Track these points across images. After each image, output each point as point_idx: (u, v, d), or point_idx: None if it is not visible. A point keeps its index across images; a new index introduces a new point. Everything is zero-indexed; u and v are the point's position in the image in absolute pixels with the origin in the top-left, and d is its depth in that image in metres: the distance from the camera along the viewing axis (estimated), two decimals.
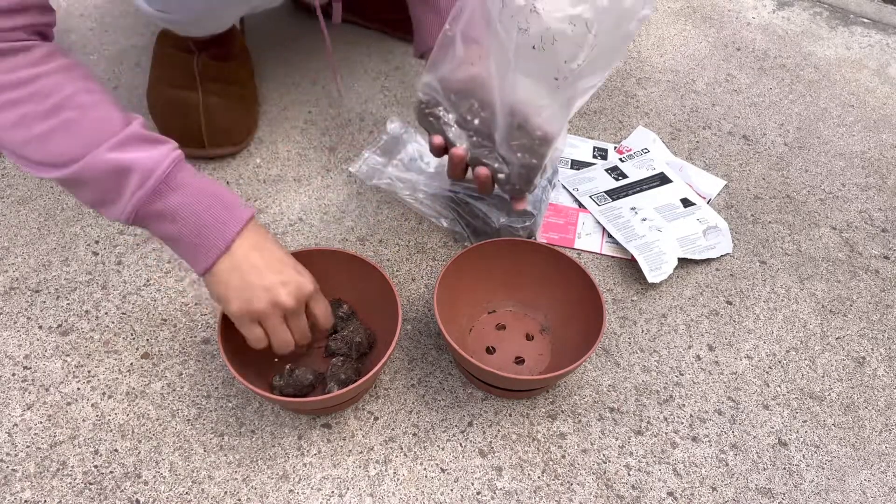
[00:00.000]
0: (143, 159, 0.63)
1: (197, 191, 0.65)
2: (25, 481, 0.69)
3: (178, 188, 0.65)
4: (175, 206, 0.65)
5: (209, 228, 0.65)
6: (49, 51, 0.65)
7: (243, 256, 0.66)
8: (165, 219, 0.65)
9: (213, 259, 0.66)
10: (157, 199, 0.64)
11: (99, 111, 0.65)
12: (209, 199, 0.66)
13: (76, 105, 0.64)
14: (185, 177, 0.65)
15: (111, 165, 0.63)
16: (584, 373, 0.81)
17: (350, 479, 0.71)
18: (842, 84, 1.23)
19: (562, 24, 0.63)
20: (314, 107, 1.09)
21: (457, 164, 0.76)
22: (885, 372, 0.84)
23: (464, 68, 0.72)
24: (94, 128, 0.64)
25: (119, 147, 0.63)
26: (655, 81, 1.20)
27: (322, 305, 0.72)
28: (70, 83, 0.64)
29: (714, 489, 0.73)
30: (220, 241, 0.65)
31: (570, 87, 0.67)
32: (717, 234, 0.94)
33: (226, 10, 0.89)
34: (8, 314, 0.81)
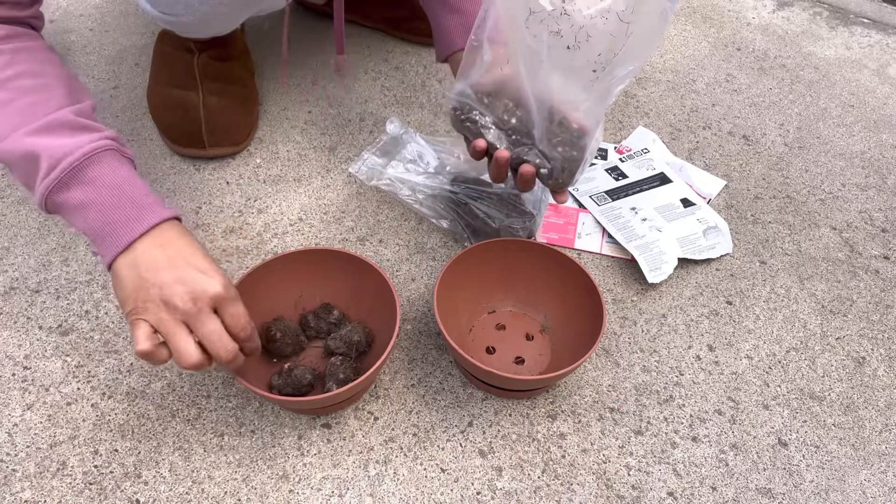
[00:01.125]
0: (55, 147, 0.61)
1: (108, 187, 0.62)
2: (25, 481, 0.69)
3: (88, 182, 0.61)
4: (80, 199, 0.61)
5: (114, 224, 0.61)
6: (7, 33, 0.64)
7: (143, 253, 0.61)
8: (73, 211, 0.62)
9: (112, 255, 0.61)
10: (62, 190, 0.61)
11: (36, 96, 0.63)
12: (120, 196, 0.62)
13: (15, 87, 0.63)
14: (101, 170, 0.62)
15: (23, 150, 0.61)
16: (584, 373, 0.81)
17: (350, 479, 0.71)
18: (842, 84, 1.23)
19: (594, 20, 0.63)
20: (314, 107, 1.09)
21: (502, 166, 0.74)
22: (885, 372, 0.84)
23: (494, 70, 0.71)
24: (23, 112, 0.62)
25: (38, 132, 0.61)
26: (655, 81, 1.20)
27: (233, 315, 0.63)
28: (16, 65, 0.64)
29: (714, 489, 0.73)
30: (122, 238, 0.61)
31: (607, 77, 0.66)
32: (717, 234, 0.94)
33: (230, 15, 0.88)
34: (8, 314, 0.81)
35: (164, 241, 0.62)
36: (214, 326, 0.61)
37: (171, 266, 0.61)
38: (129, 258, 0.61)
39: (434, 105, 1.11)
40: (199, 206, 0.94)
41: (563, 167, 0.73)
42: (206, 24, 0.90)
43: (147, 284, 0.60)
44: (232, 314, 0.63)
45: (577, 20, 0.63)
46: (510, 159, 0.74)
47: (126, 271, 0.61)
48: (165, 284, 0.60)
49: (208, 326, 0.61)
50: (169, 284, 0.60)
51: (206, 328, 0.61)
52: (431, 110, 1.10)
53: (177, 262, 0.61)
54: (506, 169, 0.75)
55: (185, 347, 0.60)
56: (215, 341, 0.61)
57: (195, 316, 0.60)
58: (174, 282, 0.60)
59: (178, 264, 0.61)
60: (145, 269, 0.61)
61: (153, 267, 0.61)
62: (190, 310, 0.60)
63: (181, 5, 0.84)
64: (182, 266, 0.61)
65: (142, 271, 0.61)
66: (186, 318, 0.60)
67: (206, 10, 0.84)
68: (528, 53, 0.67)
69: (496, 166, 0.74)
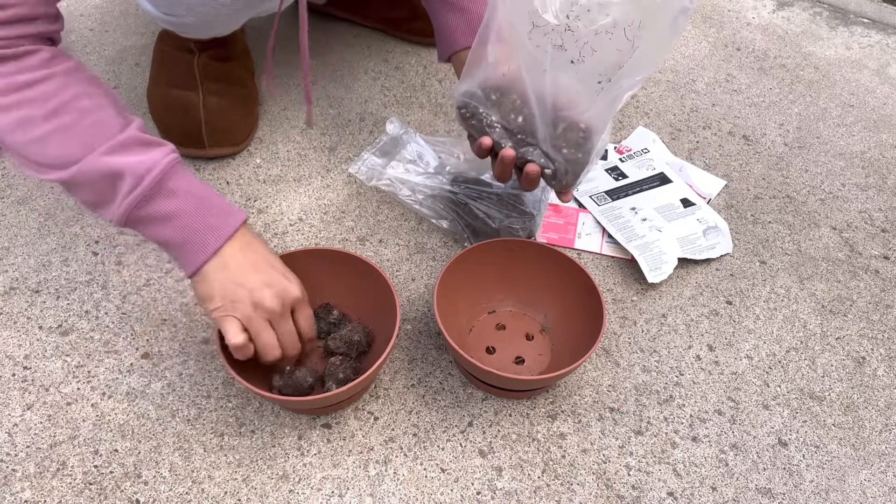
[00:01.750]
0: (136, 164, 0.64)
1: (188, 196, 0.66)
2: (25, 481, 0.69)
3: (170, 194, 0.65)
4: (166, 211, 0.66)
5: (199, 233, 0.66)
6: (52, 55, 0.66)
7: (231, 257, 0.67)
8: (157, 223, 0.66)
9: (201, 261, 0.66)
10: (147, 203, 0.65)
11: (97, 115, 0.66)
12: (200, 204, 0.67)
13: (75, 109, 0.65)
14: (178, 182, 0.66)
15: (105, 169, 0.64)
16: (584, 373, 0.81)
17: (350, 479, 0.71)
18: (842, 84, 1.23)
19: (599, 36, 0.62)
20: (314, 107, 1.09)
21: (507, 165, 0.74)
22: (885, 372, 0.84)
23: (499, 69, 0.71)
24: (90, 132, 0.65)
25: (113, 151, 0.64)
26: (655, 81, 1.20)
27: (306, 315, 0.71)
28: (70, 87, 0.66)
29: (714, 489, 0.73)
30: (209, 245, 0.66)
31: (614, 87, 0.66)
32: (717, 234, 0.94)
33: (232, 16, 0.88)
34: (8, 314, 0.81)
35: (245, 245, 0.68)
36: (291, 327, 0.70)
37: (256, 270, 0.67)
38: (217, 262, 0.67)
39: (434, 105, 1.11)
40: None
41: (568, 169, 0.73)
42: (207, 25, 0.90)
43: (237, 286, 0.66)
44: (306, 316, 0.71)
45: (582, 35, 0.63)
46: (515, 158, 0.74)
47: (215, 273, 0.66)
48: (255, 287, 0.66)
49: (288, 326, 0.69)
50: (259, 287, 0.66)
51: (287, 327, 0.69)
52: (431, 110, 1.10)
53: (261, 267, 0.68)
54: (511, 168, 0.75)
55: (272, 343, 0.68)
56: (291, 340, 0.70)
57: (280, 316, 0.68)
58: (262, 285, 0.67)
59: (263, 268, 0.68)
60: (233, 272, 0.66)
61: (241, 270, 0.67)
62: (276, 310, 0.67)
63: (183, 6, 0.84)
64: (266, 269, 0.68)
65: (230, 274, 0.66)
66: (271, 318, 0.67)
67: (207, 11, 0.84)
68: (531, 62, 0.67)
69: (501, 165, 0.74)
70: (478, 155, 0.76)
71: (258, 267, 0.68)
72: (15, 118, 0.64)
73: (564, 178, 0.74)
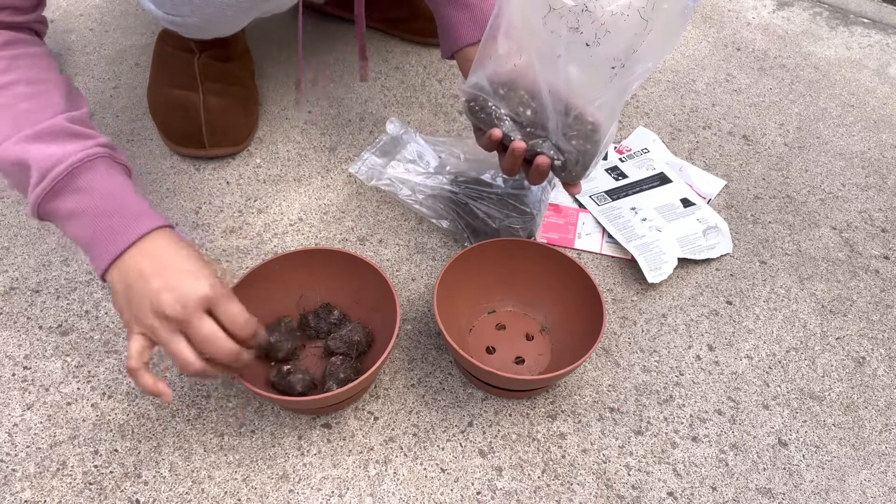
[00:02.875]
0: (45, 156, 0.61)
1: (95, 195, 0.61)
2: (25, 481, 0.69)
3: (79, 191, 0.61)
4: (69, 209, 0.61)
5: (103, 236, 0.61)
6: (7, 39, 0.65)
7: (133, 264, 0.61)
8: (64, 220, 0.62)
9: (103, 267, 0.61)
10: (53, 199, 0.61)
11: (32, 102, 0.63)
12: (107, 205, 0.61)
13: (10, 94, 0.63)
14: (89, 179, 0.61)
15: (14, 157, 0.61)
16: (584, 373, 0.81)
17: (350, 479, 0.71)
18: (842, 84, 1.23)
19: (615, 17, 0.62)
20: (314, 107, 1.09)
21: (518, 158, 0.73)
22: (885, 372, 0.84)
23: (509, 62, 0.70)
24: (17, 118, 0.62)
25: (30, 139, 0.61)
26: (655, 81, 1.20)
27: (228, 313, 0.61)
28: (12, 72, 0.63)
29: (714, 489, 0.73)
30: (111, 249, 0.61)
31: (627, 73, 0.66)
32: (716, 234, 0.94)
33: (236, 17, 0.88)
34: (8, 314, 0.81)
35: (151, 250, 0.61)
36: (208, 329, 0.60)
37: (158, 274, 0.60)
38: (119, 269, 0.61)
39: (434, 105, 1.11)
40: (199, 206, 0.94)
41: (577, 160, 0.73)
42: (211, 26, 0.90)
43: (137, 296, 0.60)
44: (226, 312, 0.61)
45: (598, 17, 0.63)
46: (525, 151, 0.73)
47: (118, 284, 0.61)
48: (153, 293, 0.59)
49: (202, 330, 0.60)
50: (157, 293, 0.59)
51: (200, 332, 0.60)
52: (431, 110, 1.10)
53: (163, 270, 0.60)
54: (520, 160, 0.74)
55: (183, 355, 0.59)
56: (210, 344, 0.60)
57: (187, 321, 0.59)
58: (161, 289, 0.59)
59: (165, 272, 0.60)
60: (134, 279, 0.60)
61: (141, 277, 0.60)
62: (180, 316, 0.59)
63: (187, 7, 0.83)
64: (169, 273, 0.60)
65: (131, 282, 0.60)
66: (181, 326, 0.59)
67: (211, 11, 0.84)
68: (543, 49, 0.67)
69: (511, 157, 0.73)
70: (486, 148, 0.75)
71: (159, 271, 0.60)
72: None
73: (574, 170, 0.73)
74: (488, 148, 0.75)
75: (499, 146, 0.75)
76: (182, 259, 0.62)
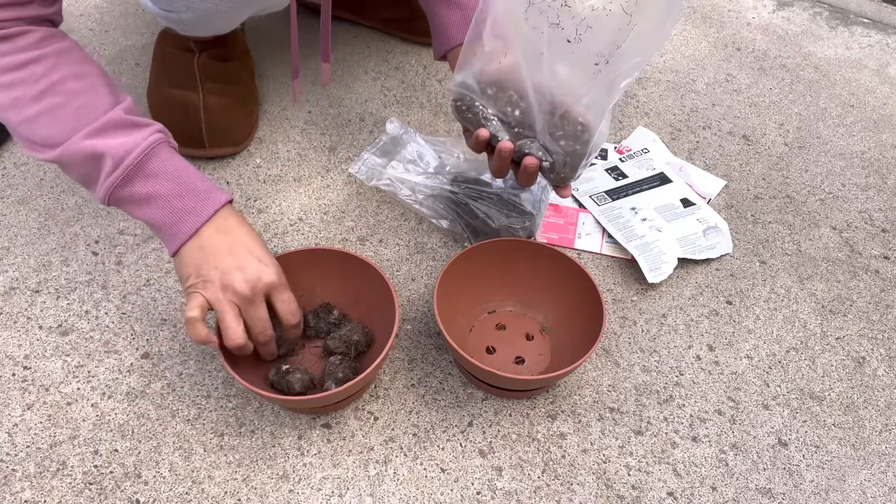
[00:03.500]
0: (117, 146, 0.65)
1: (168, 178, 0.67)
2: (25, 481, 0.69)
3: (150, 175, 0.66)
4: (145, 192, 0.67)
5: (179, 215, 0.67)
6: (44, 35, 0.67)
7: (207, 239, 0.67)
8: (137, 204, 0.67)
9: (180, 242, 0.67)
10: (127, 185, 0.66)
11: (84, 97, 0.67)
12: (180, 186, 0.67)
13: (63, 91, 0.66)
14: (159, 163, 0.67)
15: (87, 151, 0.65)
16: (584, 373, 0.81)
17: (350, 479, 0.71)
18: (842, 84, 1.23)
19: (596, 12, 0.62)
20: (314, 107, 1.09)
21: (505, 158, 0.73)
22: (885, 372, 0.84)
23: (495, 61, 0.70)
24: (77, 114, 0.66)
25: (96, 133, 0.65)
26: (655, 81, 1.20)
27: (285, 301, 0.70)
28: (61, 68, 0.67)
29: (714, 489, 0.73)
30: (188, 226, 0.67)
31: (612, 69, 0.65)
32: (716, 234, 0.94)
33: (232, 13, 0.88)
34: (8, 314, 0.81)
35: (226, 227, 0.68)
36: (262, 314, 0.68)
37: (232, 253, 0.67)
38: (195, 243, 0.67)
39: (434, 105, 1.11)
40: None
41: (566, 161, 0.71)
42: (206, 22, 0.90)
43: (209, 267, 0.66)
44: (284, 300, 0.70)
45: (579, 12, 0.62)
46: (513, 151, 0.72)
47: (192, 254, 0.67)
48: (227, 270, 0.66)
49: (258, 312, 0.68)
50: (230, 270, 0.66)
51: (256, 313, 0.68)
52: (431, 110, 1.10)
53: (237, 250, 0.67)
54: (508, 161, 0.73)
55: (235, 326, 0.66)
56: (259, 325, 0.68)
57: (249, 301, 0.67)
58: (234, 268, 0.66)
59: (238, 252, 0.67)
60: (209, 252, 0.67)
61: (216, 252, 0.67)
62: (246, 295, 0.67)
63: (182, 2, 0.84)
64: (242, 253, 0.67)
65: (206, 254, 0.67)
66: (241, 302, 0.67)
67: (206, 7, 0.84)
68: (527, 46, 0.66)
69: (498, 158, 0.73)
70: (473, 149, 0.75)
71: (233, 250, 0.67)
72: (7, 99, 0.65)
73: (563, 171, 0.72)
74: (475, 149, 0.75)
75: (487, 147, 0.74)
76: (252, 241, 0.69)
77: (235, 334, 0.67)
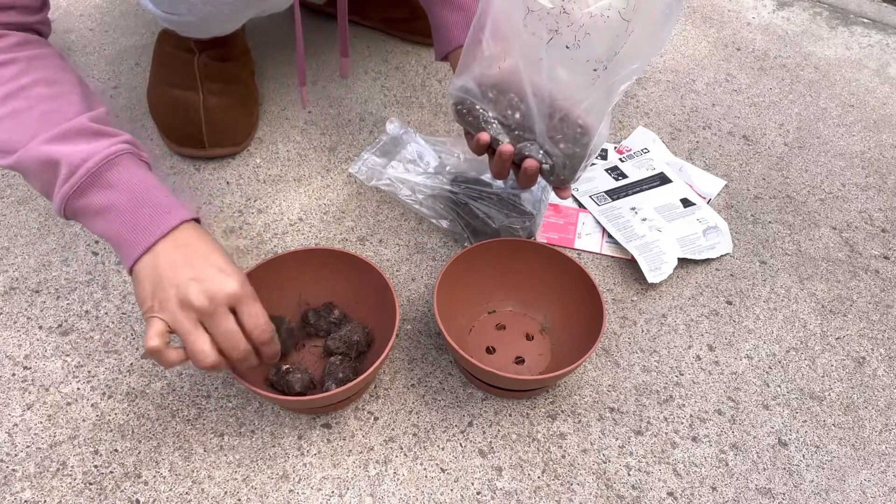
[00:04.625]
0: (73, 154, 0.62)
1: (126, 190, 0.62)
2: (25, 481, 0.69)
3: (107, 186, 0.62)
4: (100, 204, 0.62)
5: (134, 229, 0.62)
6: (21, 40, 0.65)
7: (164, 254, 0.62)
8: (92, 216, 0.63)
9: (135, 258, 0.62)
10: (82, 195, 0.62)
11: (52, 103, 0.64)
12: (138, 199, 0.63)
13: (29, 95, 0.63)
14: (119, 174, 0.63)
15: (43, 157, 0.62)
16: (584, 373, 0.81)
17: (350, 479, 0.71)
18: (842, 84, 1.23)
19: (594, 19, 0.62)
20: (314, 107, 1.09)
21: (506, 161, 0.73)
22: (885, 372, 0.84)
23: (495, 65, 0.70)
24: (41, 119, 0.63)
25: (55, 140, 0.62)
26: (655, 81, 1.20)
27: (252, 314, 0.63)
28: (31, 73, 0.64)
29: (714, 489, 0.73)
30: (142, 241, 0.62)
31: (610, 75, 0.65)
32: (716, 234, 0.94)
33: (233, 15, 0.88)
34: (8, 314, 0.81)
35: (183, 242, 0.63)
36: (229, 326, 0.61)
37: (189, 265, 0.61)
38: (149, 260, 0.62)
39: (434, 105, 1.11)
40: (199, 206, 0.94)
41: (565, 163, 0.72)
42: (208, 24, 0.90)
43: (165, 284, 0.60)
44: (249, 313, 0.63)
45: (577, 19, 0.62)
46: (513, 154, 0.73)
47: (146, 272, 0.62)
48: (182, 283, 0.60)
49: (223, 325, 0.61)
50: (185, 283, 0.60)
51: (221, 327, 0.61)
52: (431, 110, 1.10)
53: (194, 262, 0.62)
54: (509, 163, 0.74)
55: (201, 347, 0.60)
56: (228, 340, 0.62)
57: (211, 314, 0.61)
58: (191, 280, 0.60)
59: (196, 264, 0.61)
60: (164, 268, 0.61)
61: (171, 267, 0.61)
62: (206, 308, 0.60)
63: (184, 5, 0.84)
64: (200, 265, 0.62)
65: (161, 271, 0.61)
66: (203, 318, 0.61)
67: (209, 10, 0.84)
68: (526, 51, 0.67)
69: (499, 161, 0.73)
70: (475, 151, 0.75)
71: (190, 262, 0.61)
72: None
73: (562, 173, 0.73)
74: (477, 152, 0.75)
75: (488, 149, 0.75)
76: (212, 252, 0.63)
77: (204, 355, 0.60)
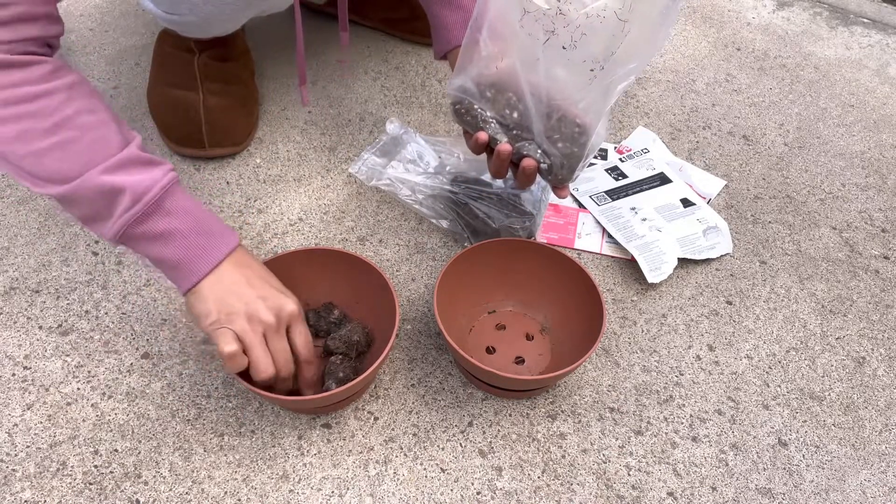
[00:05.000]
0: (135, 182, 0.65)
1: (185, 216, 0.67)
2: (25, 481, 0.69)
3: (168, 213, 0.66)
4: (162, 229, 0.66)
5: (196, 252, 0.67)
6: (55, 67, 0.66)
7: (226, 273, 0.67)
8: (153, 241, 0.66)
9: (198, 278, 0.67)
10: (144, 221, 0.65)
11: (98, 132, 0.66)
12: (197, 224, 0.67)
13: (76, 125, 0.65)
14: (176, 201, 0.67)
15: (105, 186, 0.64)
16: (584, 373, 0.81)
17: (350, 479, 0.71)
18: (842, 84, 1.23)
19: (591, 19, 0.62)
20: (314, 107, 1.09)
21: (504, 160, 0.74)
22: (885, 372, 0.84)
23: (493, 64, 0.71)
24: (91, 149, 0.65)
25: (114, 169, 0.65)
26: (655, 81, 1.20)
27: (302, 332, 0.70)
28: (73, 102, 0.65)
29: (714, 489, 0.73)
30: (205, 263, 0.67)
31: (607, 75, 0.65)
32: (716, 234, 0.94)
33: (234, 15, 0.88)
34: (8, 314, 0.81)
35: (242, 263, 0.69)
36: (285, 345, 0.68)
37: (251, 285, 0.67)
38: (213, 278, 0.67)
39: (434, 105, 1.11)
40: None
41: (563, 163, 0.72)
42: (209, 24, 0.90)
43: (232, 300, 0.66)
44: (301, 333, 0.70)
45: (573, 19, 0.62)
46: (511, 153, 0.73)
47: (210, 289, 0.66)
48: (250, 300, 0.66)
49: (282, 343, 0.68)
50: (253, 300, 0.66)
51: (281, 345, 0.68)
52: (431, 110, 1.10)
53: (255, 282, 0.68)
54: (507, 163, 0.74)
55: (264, 359, 0.66)
56: (284, 358, 0.68)
57: (275, 330, 0.67)
58: (257, 298, 0.67)
59: (257, 283, 0.68)
60: (229, 286, 0.67)
61: (236, 285, 0.67)
62: (272, 323, 0.66)
63: (185, 5, 0.84)
64: (260, 285, 0.68)
65: (226, 287, 0.67)
66: (266, 331, 0.67)
67: (209, 10, 0.84)
68: (523, 52, 0.67)
69: (497, 160, 0.74)
70: (473, 151, 0.76)
71: (252, 282, 0.68)
72: (15, 130, 0.63)
73: (560, 173, 0.73)
74: (475, 151, 0.75)
75: (486, 149, 0.75)
76: (268, 274, 0.71)
77: (267, 366, 0.66)
